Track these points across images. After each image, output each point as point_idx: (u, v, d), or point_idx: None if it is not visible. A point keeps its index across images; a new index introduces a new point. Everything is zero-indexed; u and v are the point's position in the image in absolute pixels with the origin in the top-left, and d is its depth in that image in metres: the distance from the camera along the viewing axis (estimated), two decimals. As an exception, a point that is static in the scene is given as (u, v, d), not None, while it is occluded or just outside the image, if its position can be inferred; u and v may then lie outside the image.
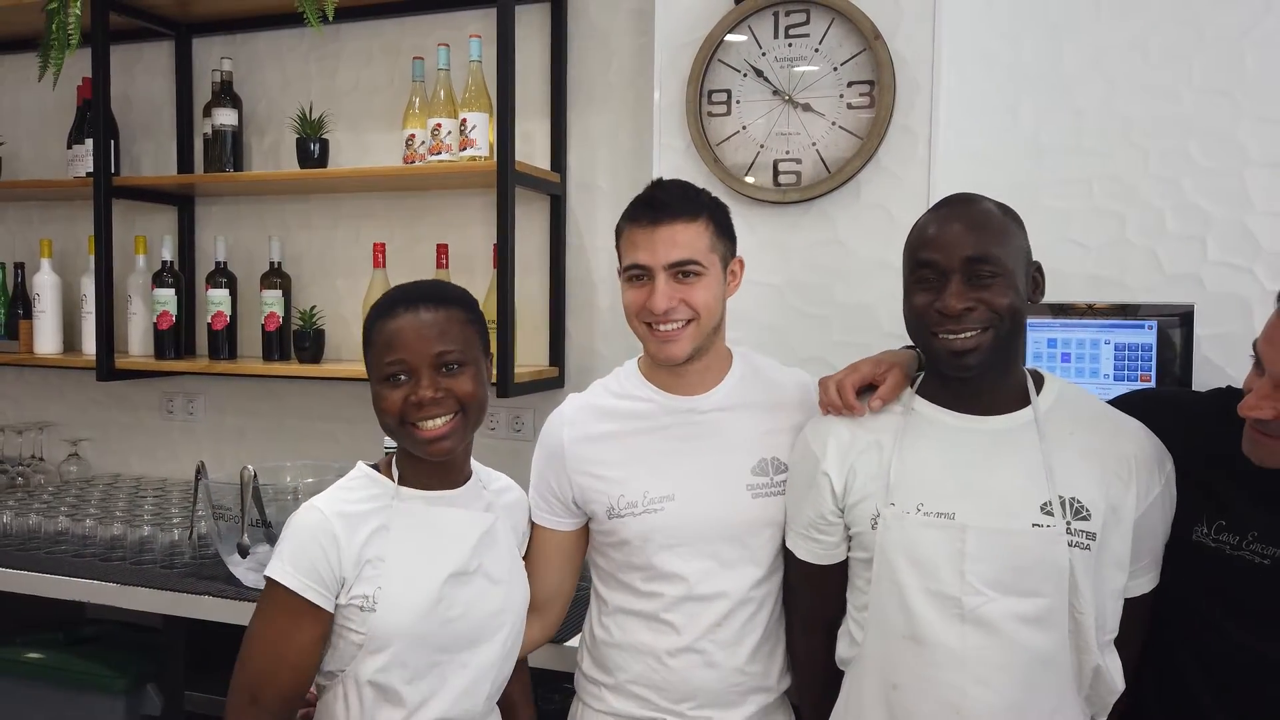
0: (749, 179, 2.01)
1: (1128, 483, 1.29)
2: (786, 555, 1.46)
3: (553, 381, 2.34)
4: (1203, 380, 1.81)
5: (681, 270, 1.42)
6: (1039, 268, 1.36)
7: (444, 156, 2.26)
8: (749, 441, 1.48)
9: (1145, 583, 1.35)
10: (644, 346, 1.48)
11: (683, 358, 1.44)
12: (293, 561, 1.30)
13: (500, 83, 2.12)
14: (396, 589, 1.32)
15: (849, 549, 1.40)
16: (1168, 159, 2.00)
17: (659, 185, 1.49)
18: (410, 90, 2.37)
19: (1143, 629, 1.36)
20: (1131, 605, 1.33)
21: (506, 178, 2.11)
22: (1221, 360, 1.92)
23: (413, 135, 2.32)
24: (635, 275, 1.44)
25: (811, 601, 1.45)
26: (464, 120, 2.22)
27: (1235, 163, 1.96)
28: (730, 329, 2.06)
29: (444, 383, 1.32)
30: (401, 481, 1.38)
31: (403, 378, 1.32)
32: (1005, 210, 1.35)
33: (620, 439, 1.49)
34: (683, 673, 1.44)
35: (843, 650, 1.41)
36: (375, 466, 1.42)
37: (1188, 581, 1.33)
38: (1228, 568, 1.29)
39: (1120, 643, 1.32)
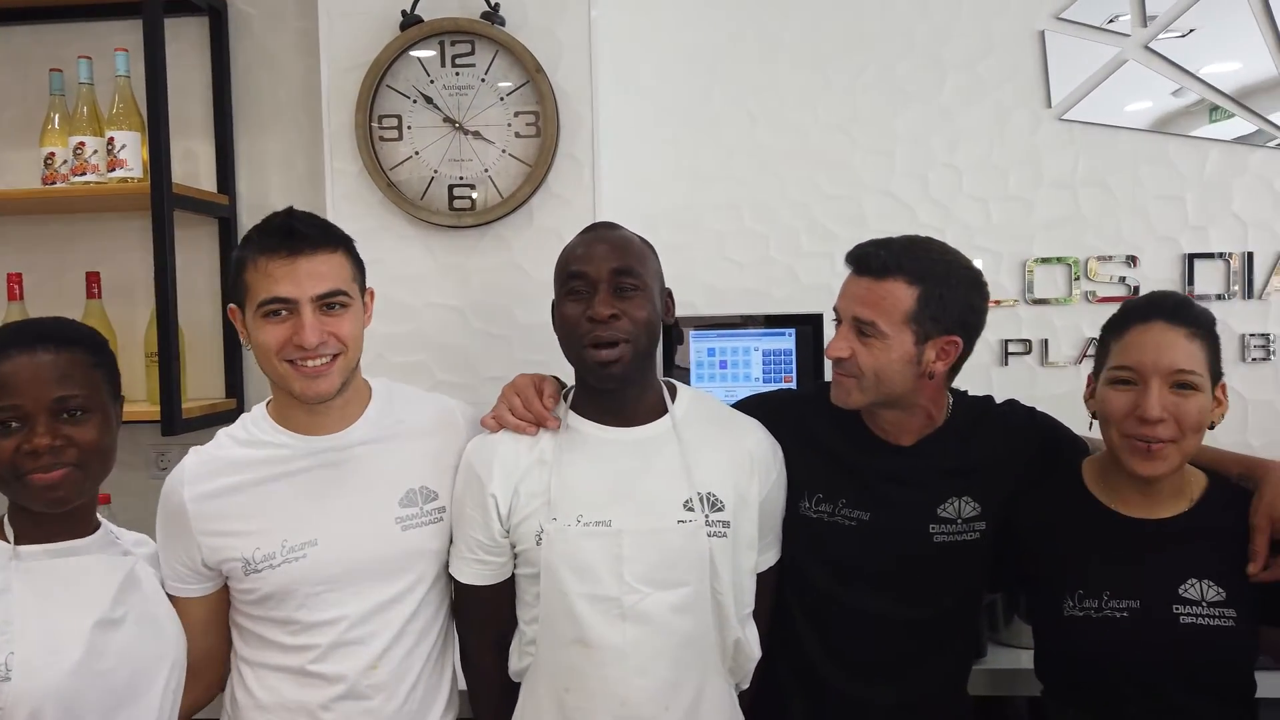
0: (424, 203, 2.03)
1: (751, 473, 1.46)
2: (453, 579, 1.47)
3: (231, 415, 2.20)
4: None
5: (328, 302, 1.38)
6: (670, 293, 1.50)
7: (90, 178, 2.08)
8: (395, 473, 1.46)
9: (770, 557, 1.53)
10: (287, 386, 1.39)
11: (333, 394, 1.39)
12: None
13: (151, 99, 1.99)
14: (30, 650, 1.19)
15: (515, 566, 1.45)
16: (801, 187, 2.28)
17: (293, 215, 1.43)
18: (48, 105, 2.16)
19: (770, 598, 1.54)
20: (760, 579, 1.50)
21: (163, 200, 1.98)
22: (850, 360, 2.22)
23: (52, 154, 2.12)
24: (275, 310, 1.37)
25: (483, 621, 1.48)
26: (111, 139, 2.05)
27: (854, 189, 2.27)
28: (414, 352, 2.10)
29: (64, 430, 1.22)
30: (19, 540, 1.25)
31: (15, 425, 1.21)
32: (643, 239, 1.48)
33: (250, 489, 1.41)
34: None
35: (515, 663, 1.46)
36: None
37: (799, 549, 1.53)
38: (826, 533, 1.50)
39: (754, 614, 1.49)
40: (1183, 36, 2.19)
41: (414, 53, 2.01)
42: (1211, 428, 1.38)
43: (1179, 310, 1.36)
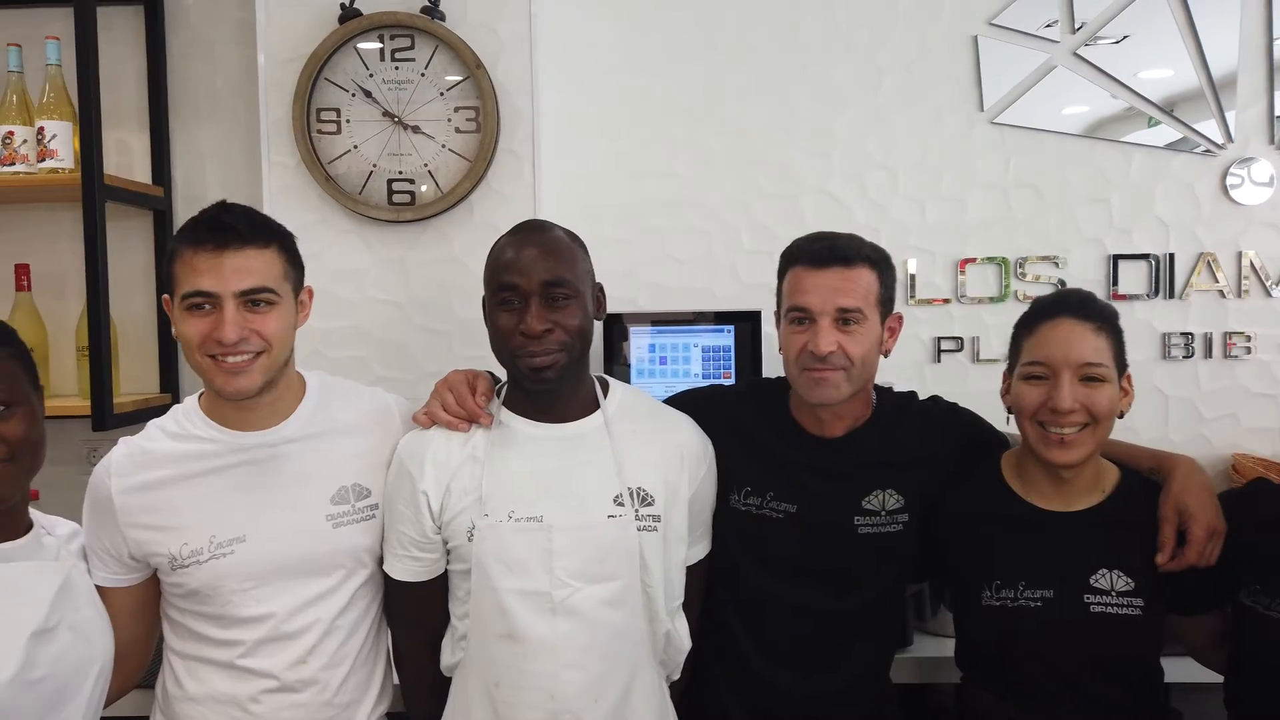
0: (363, 198, 2.02)
1: (681, 468, 1.48)
2: (386, 576, 1.47)
3: (165, 410, 2.18)
4: (771, 372, 2.10)
5: (252, 299, 1.36)
6: (601, 288, 1.51)
7: (19, 168, 2.04)
8: (327, 470, 1.45)
9: (700, 550, 1.55)
10: (209, 381, 1.38)
11: (253, 391, 1.38)
12: None
13: (83, 89, 1.96)
14: None
15: (448, 562, 1.46)
16: (741, 185, 2.31)
17: (225, 208, 1.41)
18: (-24, 92, 2.11)
19: (700, 590, 1.56)
20: (691, 571, 1.53)
21: (94, 192, 1.95)
22: (788, 357, 2.25)
23: (-20, 143, 2.07)
24: (198, 304, 1.36)
25: (416, 617, 1.49)
26: (41, 129, 2.02)
27: (792, 189, 2.31)
28: (353, 347, 2.10)
29: None
30: None
31: None
32: (572, 236, 1.48)
33: (179, 484, 1.40)
34: (268, 717, 1.40)
35: (447, 657, 1.47)
36: None
37: (729, 542, 1.56)
38: (755, 525, 1.53)
39: (684, 607, 1.51)
40: (1116, 43, 2.26)
41: (353, 46, 2.00)
42: (1121, 416, 1.44)
43: (1084, 306, 1.42)
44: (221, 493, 1.41)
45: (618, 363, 2.17)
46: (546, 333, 1.38)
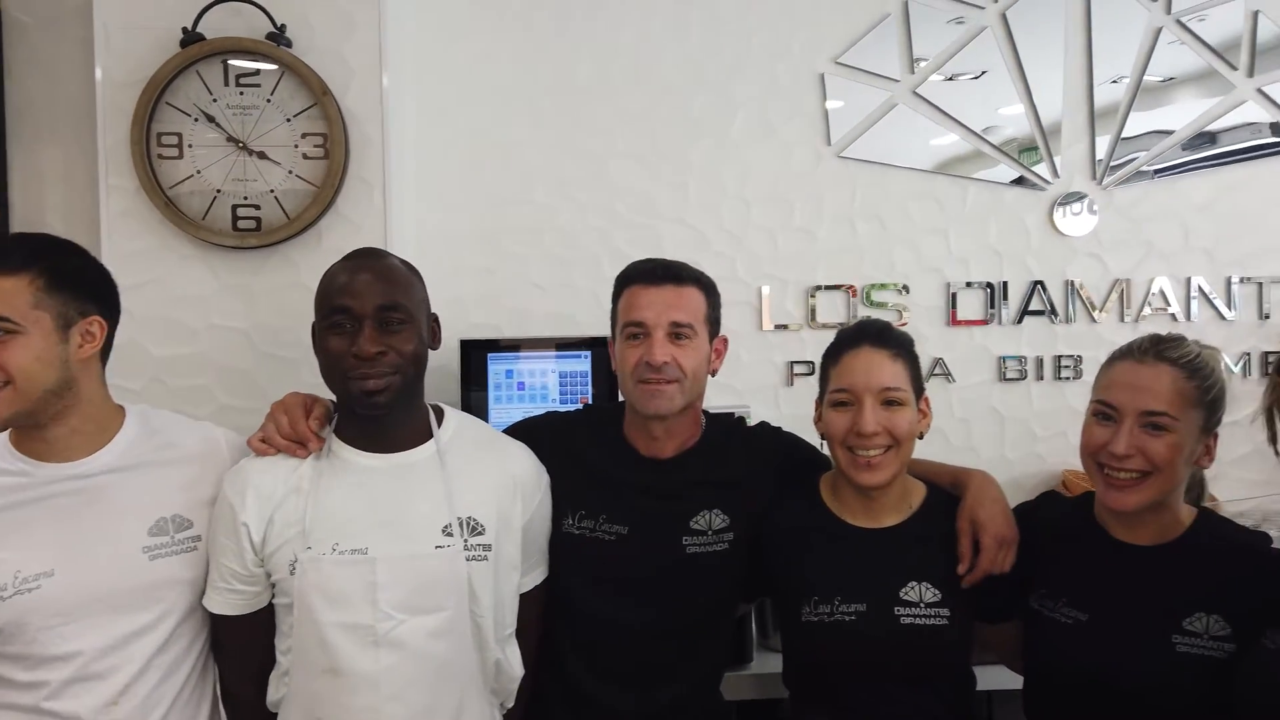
0: (206, 223, 1.99)
1: (514, 496, 1.49)
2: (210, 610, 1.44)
3: (-3, 441, 2.10)
4: (627, 400, 2.14)
5: None
6: (436, 319, 1.52)
7: None
8: (145, 501, 1.42)
9: (535, 577, 1.56)
10: None
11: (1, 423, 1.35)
12: None
13: (-97, 108, 1.89)
14: None
15: (273, 596, 1.43)
16: (602, 214, 2.36)
17: None
18: None
19: (537, 616, 1.57)
20: (526, 599, 1.53)
21: (-87, 215, 1.87)
22: (647, 382, 2.29)
23: None
24: None
25: (239, 651, 1.46)
26: None
27: (651, 218, 2.36)
28: (195, 375, 2.05)
29: None
30: None
31: None
32: (408, 265, 1.49)
33: None
34: None
35: (272, 693, 1.45)
36: None
37: (562, 566, 1.57)
38: (588, 548, 1.55)
39: (520, 633, 1.52)
40: (976, 78, 2.38)
41: (196, 70, 1.97)
42: (921, 437, 1.51)
43: (882, 335, 1.49)
44: (29, 526, 1.36)
45: (472, 388, 2.17)
46: (379, 355, 1.38)
